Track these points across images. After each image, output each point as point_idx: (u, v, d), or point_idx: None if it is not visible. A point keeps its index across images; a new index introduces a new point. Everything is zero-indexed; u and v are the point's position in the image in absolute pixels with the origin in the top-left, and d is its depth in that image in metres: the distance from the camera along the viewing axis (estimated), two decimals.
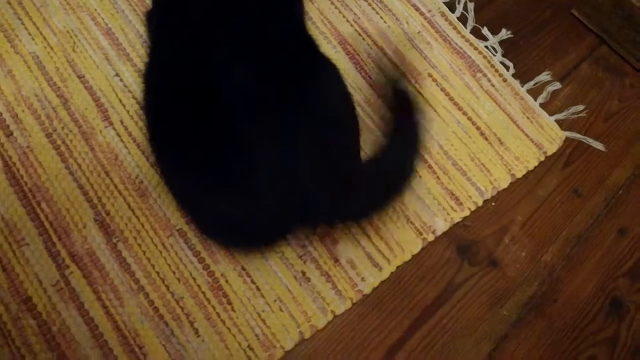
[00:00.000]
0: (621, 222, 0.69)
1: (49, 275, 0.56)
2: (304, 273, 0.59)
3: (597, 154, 0.74)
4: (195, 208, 0.58)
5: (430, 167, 0.68)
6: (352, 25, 0.77)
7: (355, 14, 0.78)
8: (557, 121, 0.75)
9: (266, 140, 0.51)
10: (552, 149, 0.73)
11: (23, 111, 0.63)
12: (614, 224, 0.69)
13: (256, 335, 0.56)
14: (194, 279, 0.58)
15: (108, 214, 0.59)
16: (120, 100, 0.66)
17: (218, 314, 0.56)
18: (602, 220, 0.69)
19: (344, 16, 0.77)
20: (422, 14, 0.80)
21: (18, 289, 0.55)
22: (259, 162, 0.51)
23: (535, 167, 0.71)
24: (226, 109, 0.52)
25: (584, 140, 0.74)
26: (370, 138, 0.68)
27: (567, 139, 0.74)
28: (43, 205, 0.59)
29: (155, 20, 0.63)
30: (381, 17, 0.78)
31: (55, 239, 0.58)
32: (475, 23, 0.81)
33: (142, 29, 0.70)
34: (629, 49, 0.81)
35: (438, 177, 0.68)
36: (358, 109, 0.70)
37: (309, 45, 0.58)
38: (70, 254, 0.57)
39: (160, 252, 0.58)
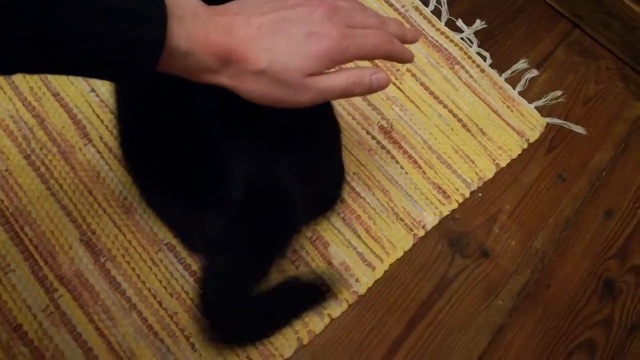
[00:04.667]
0: (607, 203, 0.70)
1: (38, 301, 0.55)
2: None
3: (578, 138, 0.74)
4: (177, 225, 0.58)
5: (415, 162, 0.68)
6: None
7: None
8: (536, 108, 0.76)
9: (242, 150, 0.50)
10: (534, 136, 0.73)
11: None
12: (599, 206, 0.70)
13: (254, 345, 0.55)
14: (187, 292, 0.57)
15: (94, 233, 0.58)
16: (98, 116, 0.64)
17: None
18: (588, 203, 0.70)
19: None
20: (396, 9, 0.80)
21: (7, 317, 0.54)
22: (235, 173, 0.51)
23: (519, 155, 0.71)
24: (200, 120, 0.51)
25: (565, 125, 0.75)
26: (354, 138, 0.68)
27: (548, 125, 0.74)
28: (26, 229, 0.58)
29: None
30: None
31: (41, 262, 0.56)
32: (450, 15, 0.81)
33: None
34: (602, 31, 0.82)
35: (424, 172, 0.68)
36: (339, 108, 0.70)
37: None
38: (58, 277, 0.56)
39: (150, 268, 0.57)
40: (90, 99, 0.65)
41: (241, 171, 0.51)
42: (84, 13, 0.34)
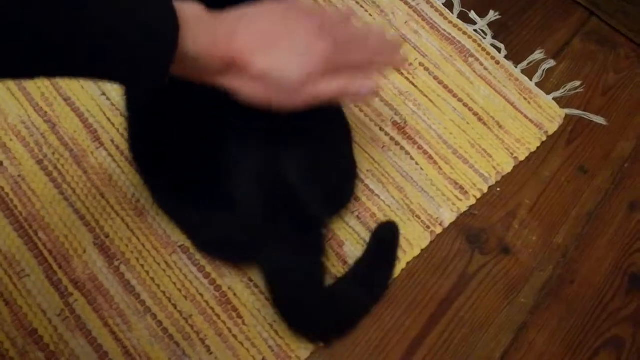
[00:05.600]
0: (631, 195, 0.68)
1: (53, 305, 0.54)
2: None
3: (599, 129, 0.72)
4: (189, 226, 0.57)
5: (430, 157, 0.67)
6: None
7: (339, 8, 0.76)
8: (555, 99, 0.74)
9: (250, 149, 0.50)
10: (552, 128, 0.71)
11: (11, 140, 0.62)
12: (623, 199, 0.68)
13: (270, 347, 0.55)
14: (201, 295, 0.56)
15: (107, 236, 0.58)
16: (109, 120, 0.64)
17: (229, 329, 0.55)
18: (611, 195, 0.68)
19: None
20: (406, 3, 0.78)
21: (22, 322, 0.54)
22: (244, 172, 0.50)
23: (538, 148, 0.69)
24: (208, 120, 0.51)
25: (584, 116, 0.73)
26: (367, 135, 0.67)
27: (567, 116, 0.72)
28: (40, 234, 0.57)
29: None
30: (366, 11, 0.77)
31: (55, 267, 0.56)
32: (462, 7, 0.79)
33: None
34: (620, 19, 0.80)
35: (440, 168, 0.66)
36: (351, 105, 0.69)
37: None
38: (73, 281, 0.56)
39: (164, 271, 0.57)
40: (101, 102, 0.65)
41: (250, 170, 0.50)
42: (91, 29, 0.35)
